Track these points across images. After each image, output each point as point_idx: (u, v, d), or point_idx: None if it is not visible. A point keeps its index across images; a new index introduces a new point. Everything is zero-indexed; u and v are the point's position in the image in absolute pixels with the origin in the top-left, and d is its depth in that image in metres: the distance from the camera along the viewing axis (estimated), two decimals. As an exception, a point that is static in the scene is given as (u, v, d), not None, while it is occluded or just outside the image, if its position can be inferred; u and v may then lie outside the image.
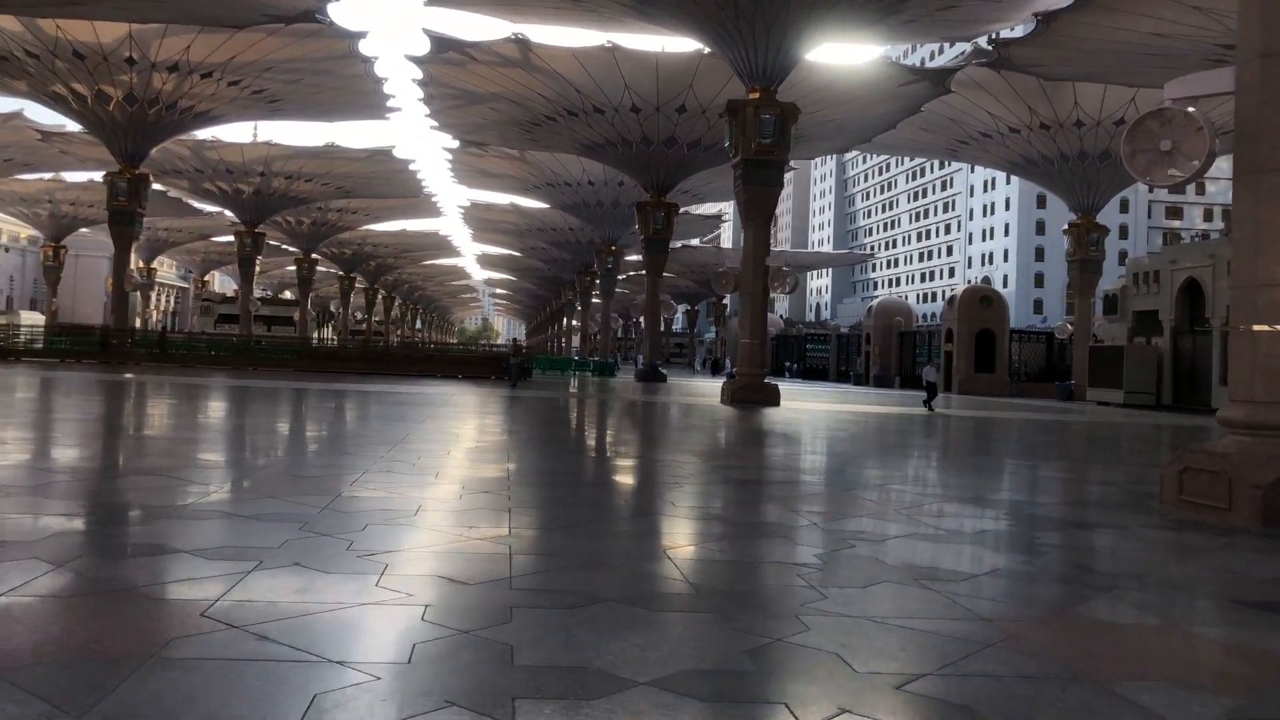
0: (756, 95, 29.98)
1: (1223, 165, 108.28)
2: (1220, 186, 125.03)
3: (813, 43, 31.42)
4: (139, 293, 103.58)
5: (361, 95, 47.75)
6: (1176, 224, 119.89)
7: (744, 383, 29.55)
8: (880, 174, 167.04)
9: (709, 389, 36.41)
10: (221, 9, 36.97)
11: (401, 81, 46.03)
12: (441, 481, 9.42)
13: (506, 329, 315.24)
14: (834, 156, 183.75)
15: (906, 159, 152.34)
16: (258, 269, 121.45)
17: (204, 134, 78.66)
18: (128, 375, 30.28)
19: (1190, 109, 9.99)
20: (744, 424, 21.25)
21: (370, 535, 6.38)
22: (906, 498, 9.93)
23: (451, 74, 42.95)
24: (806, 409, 28.02)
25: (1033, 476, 12.93)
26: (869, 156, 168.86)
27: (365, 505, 7.64)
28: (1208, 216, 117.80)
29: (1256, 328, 9.09)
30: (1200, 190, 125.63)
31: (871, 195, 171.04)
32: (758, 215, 30.41)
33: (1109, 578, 6.35)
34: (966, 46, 44.22)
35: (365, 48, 42.60)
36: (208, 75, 43.41)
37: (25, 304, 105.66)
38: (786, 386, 50.73)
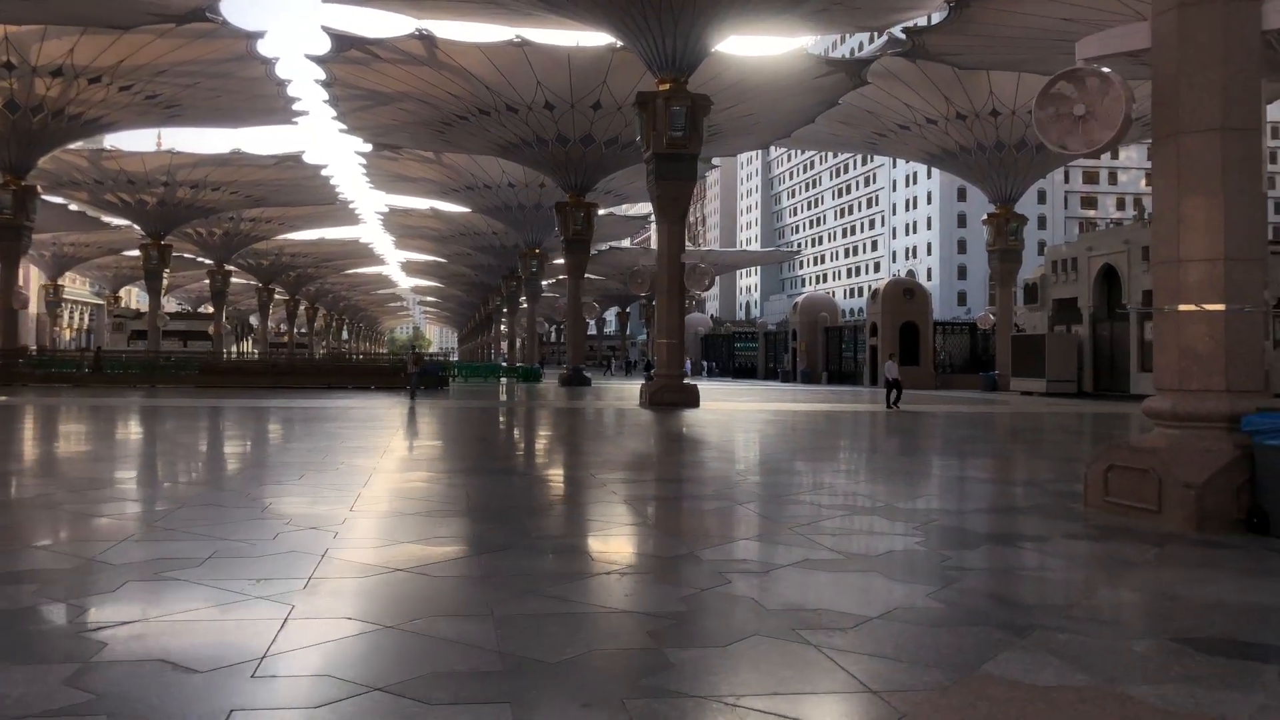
0: (666, 87, 28.95)
1: (1133, 154, 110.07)
2: (1131, 176, 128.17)
3: (723, 32, 30.52)
4: (44, 311, 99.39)
5: (265, 99, 45.71)
6: (1091, 213, 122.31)
7: (662, 384, 28.48)
8: (805, 171, 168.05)
9: (631, 392, 35.28)
10: (104, 9, 34.79)
11: (306, 84, 44.20)
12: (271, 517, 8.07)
13: (439, 337, 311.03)
14: (759, 155, 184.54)
15: (830, 156, 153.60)
16: (168, 282, 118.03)
17: (107, 143, 75.24)
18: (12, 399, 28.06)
19: (1105, 69, 9.09)
20: (652, 429, 20.14)
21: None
22: (807, 511, 8.84)
23: (356, 74, 41.20)
24: (727, 409, 27.05)
25: (950, 479, 11.96)
26: (794, 155, 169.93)
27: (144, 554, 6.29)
28: (1120, 205, 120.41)
29: (1182, 307, 8.20)
30: (1113, 179, 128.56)
31: (797, 193, 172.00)
32: (671, 210, 29.38)
33: (1028, 612, 5.28)
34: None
35: (264, 48, 40.78)
36: (96, 80, 40.99)
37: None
38: (713, 385, 50.30)
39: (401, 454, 13.54)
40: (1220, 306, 7.99)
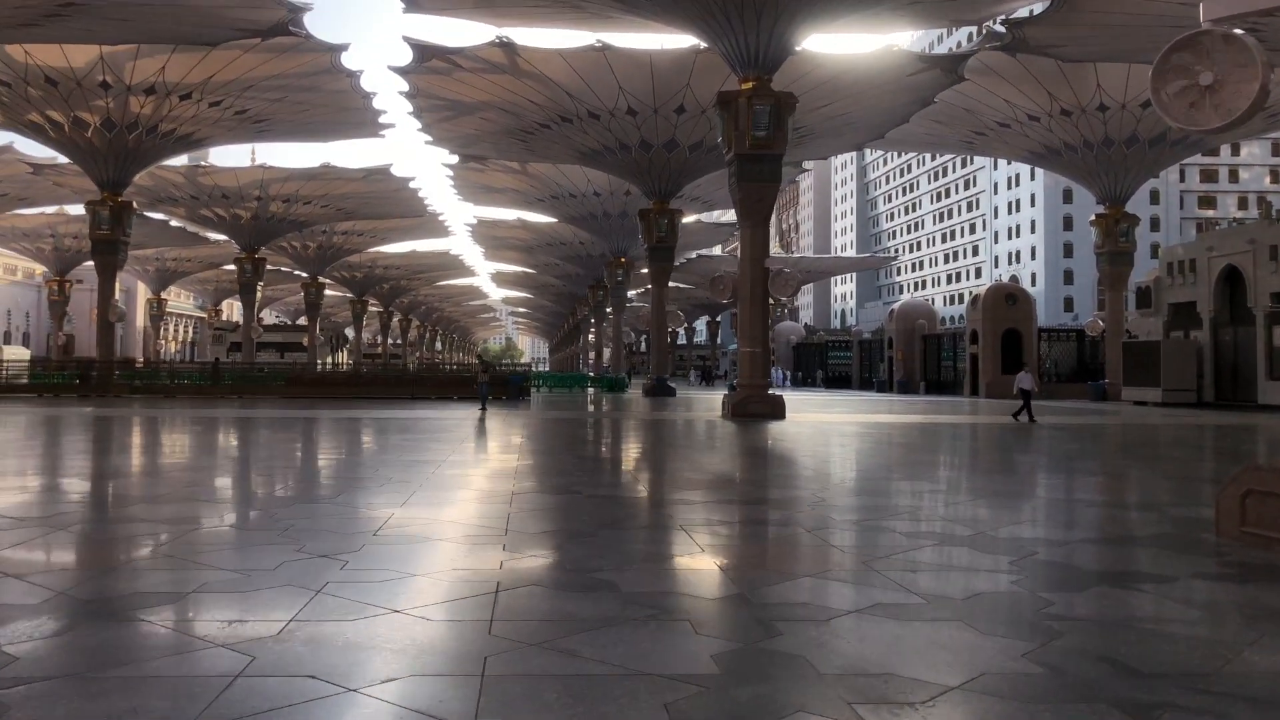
0: (750, 85, 27.88)
1: (1255, 150, 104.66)
2: (1254, 173, 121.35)
3: (807, 29, 29.34)
4: (150, 323, 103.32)
5: (351, 112, 46.21)
6: (1210, 213, 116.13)
7: (745, 395, 27.35)
8: (902, 175, 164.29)
9: (716, 403, 34.20)
10: (191, 27, 35.46)
11: (391, 96, 44.43)
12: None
13: (531, 347, 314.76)
14: (854, 159, 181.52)
15: (928, 158, 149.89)
16: (263, 295, 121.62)
17: (203, 159, 77.65)
18: (85, 408, 28.53)
19: (1235, 31, 7.77)
20: (729, 443, 19.09)
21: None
22: (887, 540, 7.72)
23: (438, 84, 41.25)
24: (814, 421, 25.78)
25: (1054, 501, 10.59)
26: (890, 158, 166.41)
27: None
28: (1242, 204, 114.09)
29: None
30: (1234, 177, 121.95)
31: (894, 197, 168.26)
32: (754, 213, 28.26)
33: (1154, 684, 4.13)
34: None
35: (349, 61, 41.24)
36: (186, 96, 41.97)
37: (40, 339, 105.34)
38: (803, 396, 48.78)
39: (452, 470, 12.81)
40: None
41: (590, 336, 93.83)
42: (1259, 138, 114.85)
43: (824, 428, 23.15)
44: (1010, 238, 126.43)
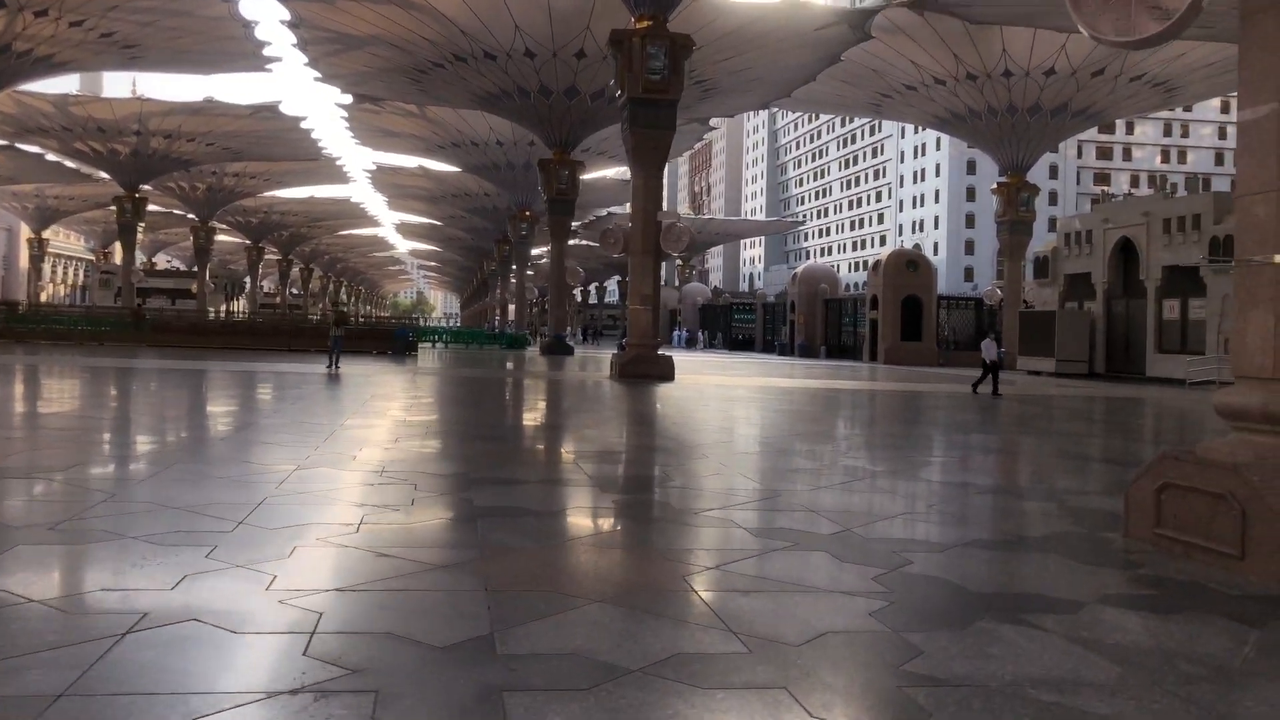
0: (644, 24, 26.05)
1: (1148, 130, 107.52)
2: (1147, 152, 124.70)
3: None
4: (31, 264, 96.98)
5: (231, 41, 42.81)
6: (1105, 189, 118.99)
7: (633, 355, 25.87)
8: (812, 141, 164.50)
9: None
10: (39, -68, 31.97)
11: (276, 28, 41.21)
12: None
13: (444, 303, 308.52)
14: (766, 123, 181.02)
15: (838, 125, 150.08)
16: (156, 238, 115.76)
17: (77, 88, 72.38)
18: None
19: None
20: (604, 409, 17.62)
21: None
22: (727, 541, 6.27)
23: (322, 13, 38.32)
24: (703, 384, 24.48)
25: (939, 487, 9.30)
26: (801, 123, 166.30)
27: None
28: (1135, 182, 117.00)
29: (1283, 260, 5.60)
30: (1128, 155, 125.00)
31: (804, 163, 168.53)
32: (648, 162, 26.61)
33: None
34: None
35: (223, -17, 37.85)
36: (42, 13, 38.04)
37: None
38: (703, 357, 47.64)
39: (248, 436, 10.98)
40: (1345, 257, 5.41)
41: (499, 292, 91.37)
42: (1152, 117, 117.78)
43: (710, 392, 21.85)
44: (915, 206, 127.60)
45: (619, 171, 77.82)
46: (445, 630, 4.05)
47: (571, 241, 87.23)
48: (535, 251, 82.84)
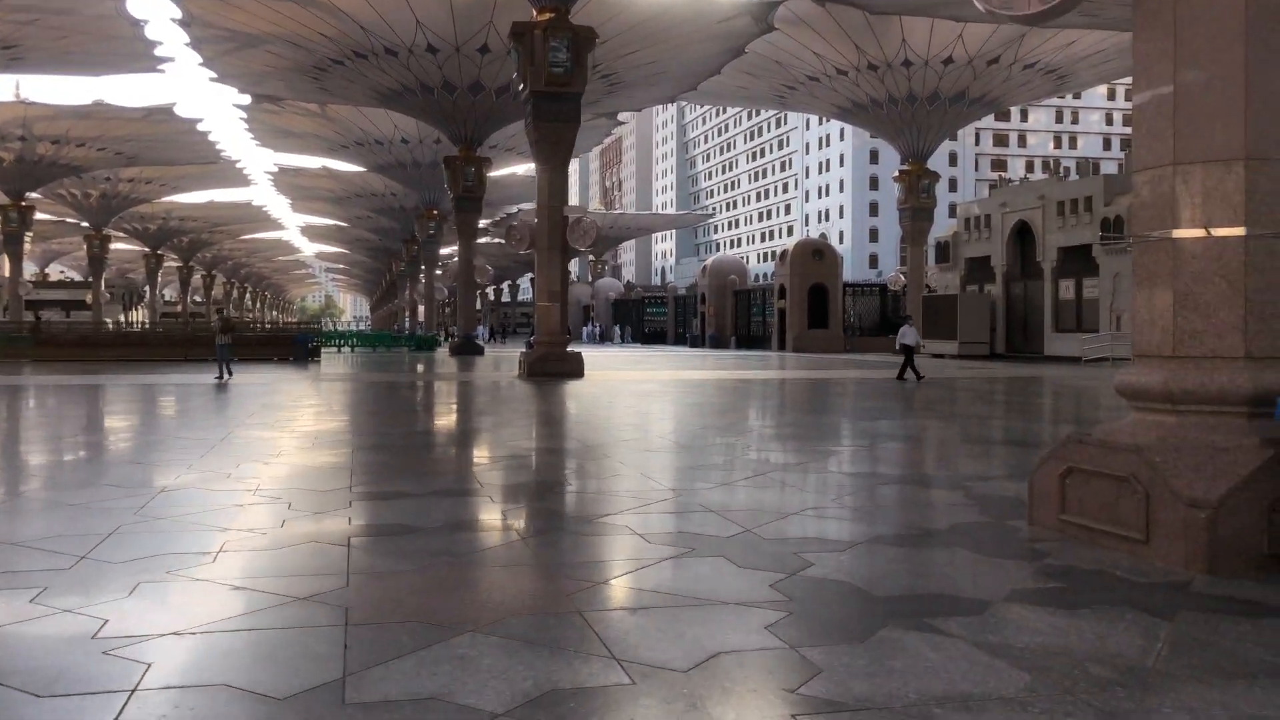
0: (546, 16, 25.53)
1: (1041, 117, 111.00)
2: (1040, 139, 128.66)
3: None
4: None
5: (120, 41, 40.94)
6: (1002, 175, 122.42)
7: (542, 353, 25.38)
8: (720, 134, 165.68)
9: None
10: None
11: (169, 27, 39.50)
12: None
13: (353, 305, 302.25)
14: (674, 117, 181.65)
15: (745, 118, 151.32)
16: (47, 248, 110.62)
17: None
18: None
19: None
20: (507, 409, 17.17)
21: None
22: (618, 548, 5.94)
23: (215, 10, 36.85)
24: (613, 379, 24.13)
25: (843, 477, 9.12)
26: (709, 117, 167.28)
27: None
28: (1030, 168, 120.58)
29: (1179, 233, 5.46)
30: (1023, 142, 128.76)
31: (712, 156, 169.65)
32: (552, 156, 26.12)
33: None
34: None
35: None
36: (-96, 10, 35.88)
37: None
38: (616, 352, 47.29)
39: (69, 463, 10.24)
40: (1239, 231, 5.28)
41: (409, 293, 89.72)
42: (1044, 105, 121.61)
43: (620, 388, 21.51)
44: (820, 196, 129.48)
45: (529, 168, 76.97)
46: (291, 677, 3.59)
47: (482, 240, 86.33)
48: (445, 251, 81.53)
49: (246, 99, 49.89)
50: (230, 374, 23.36)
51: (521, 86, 26.44)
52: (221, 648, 3.98)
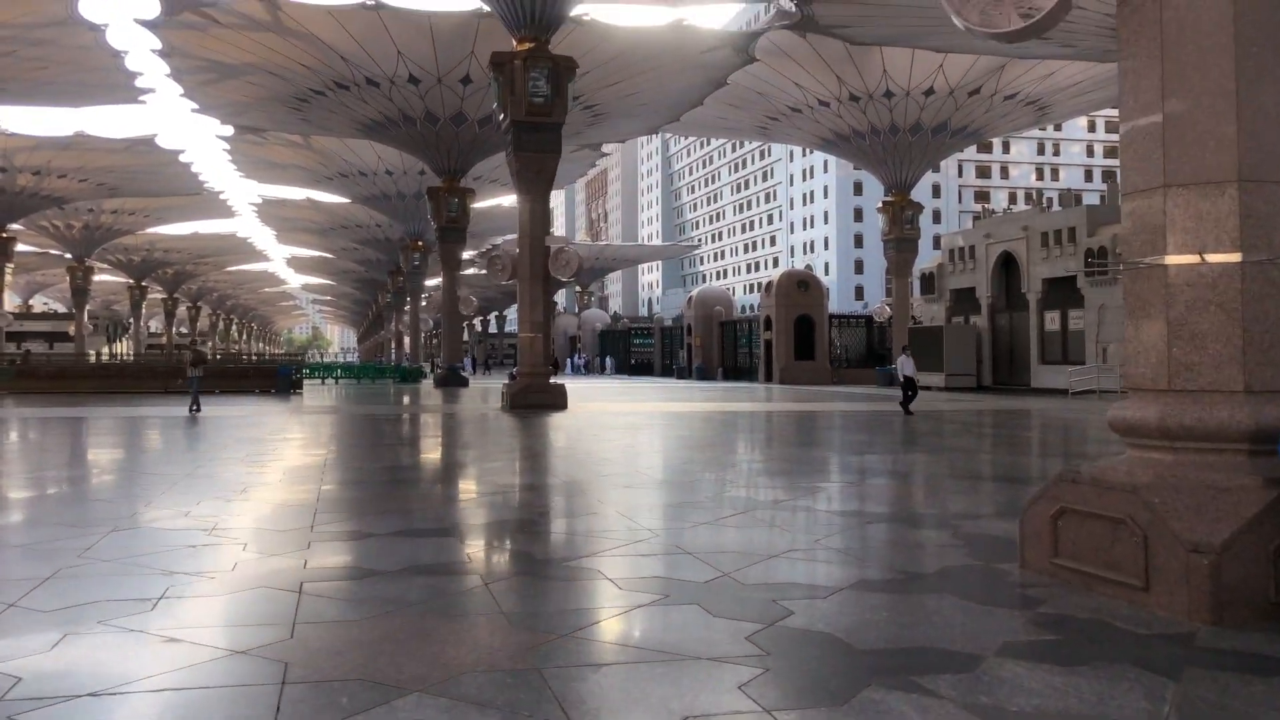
0: (526, 46, 25.45)
1: (1024, 149, 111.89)
2: (1023, 170, 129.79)
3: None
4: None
5: (100, 72, 40.77)
6: (985, 206, 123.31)
7: (524, 385, 25.05)
8: (705, 166, 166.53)
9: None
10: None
11: (149, 57, 39.40)
12: None
13: (341, 337, 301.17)
14: (660, 149, 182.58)
15: (729, 149, 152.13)
16: (31, 280, 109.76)
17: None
18: None
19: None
20: (487, 443, 16.80)
21: None
22: (588, 596, 5.61)
23: (195, 41, 36.76)
24: (596, 412, 23.79)
25: (828, 516, 8.81)
26: (694, 149, 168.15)
27: None
28: (1013, 200, 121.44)
29: (1172, 260, 5.22)
30: (1005, 174, 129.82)
31: (697, 188, 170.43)
32: (533, 186, 25.93)
33: None
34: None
35: (91, 12, 36.02)
36: (-118, 41, 35.61)
37: None
38: (601, 384, 46.89)
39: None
40: (1235, 257, 5.04)
41: (394, 325, 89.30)
42: (1026, 137, 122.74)
43: (603, 420, 21.17)
44: (805, 228, 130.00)
45: (514, 200, 77.10)
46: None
47: (468, 271, 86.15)
48: (431, 282, 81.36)
49: (229, 130, 49.79)
50: (199, 408, 22.83)
51: (502, 116, 26.30)
52: (140, 712, 3.63)
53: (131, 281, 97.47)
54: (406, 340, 77.07)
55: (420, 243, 63.12)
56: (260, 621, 4.82)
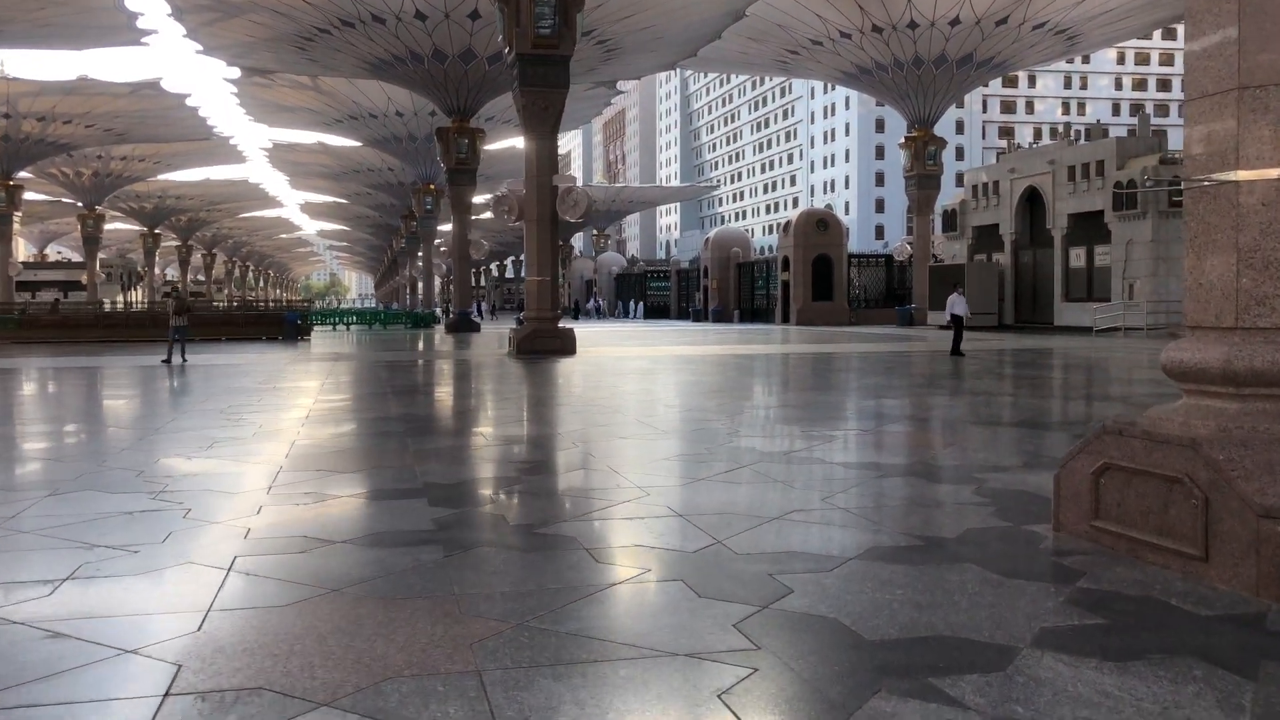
0: (531, -26, 24.26)
1: (1049, 83, 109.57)
2: (1049, 105, 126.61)
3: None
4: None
5: (100, 13, 39.94)
6: (1010, 141, 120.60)
7: (531, 330, 24.32)
8: (724, 105, 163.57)
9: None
10: None
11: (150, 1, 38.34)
12: None
13: (358, 283, 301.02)
14: (678, 88, 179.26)
15: (749, 88, 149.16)
16: (43, 228, 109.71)
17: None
18: None
19: None
20: (486, 393, 16.15)
21: None
22: (559, 572, 4.92)
23: (193, -24, 35.74)
24: (606, 356, 23.07)
25: (839, 469, 8.06)
26: (713, 87, 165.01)
27: None
28: (1038, 135, 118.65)
29: (1245, 175, 4.37)
30: (1030, 109, 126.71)
31: (716, 128, 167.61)
32: (540, 123, 24.89)
33: None
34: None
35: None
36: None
37: None
38: (615, 328, 46.12)
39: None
40: (1328, 169, 4.20)
41: (408, 270, 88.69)
42: (1052, 70, 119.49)
43: (611, 365, 20.44)
44: (826, 167, 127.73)
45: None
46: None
47: (483, 215, 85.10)
48: (444, 227, 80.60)
49: (236, 72, 48.78)
50: (184, 359, 22.01)
51: (507, 50, 25.23)
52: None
53: (144, 229, 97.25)
54: (420, 285, 76.50)
55: (432, 186, 62.31)
56: (170, 609, 4.15)
